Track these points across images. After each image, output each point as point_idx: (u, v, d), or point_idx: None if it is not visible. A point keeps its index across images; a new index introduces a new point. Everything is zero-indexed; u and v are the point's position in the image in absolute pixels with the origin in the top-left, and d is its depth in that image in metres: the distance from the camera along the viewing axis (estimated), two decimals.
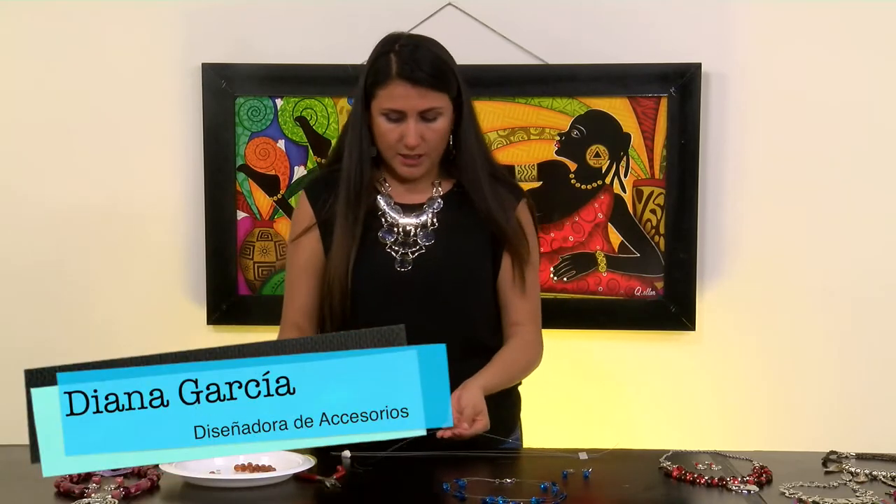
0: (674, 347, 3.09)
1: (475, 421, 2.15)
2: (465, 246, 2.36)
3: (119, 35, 3.07)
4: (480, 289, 2.38)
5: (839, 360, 3.07)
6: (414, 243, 2.34)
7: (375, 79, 2.29)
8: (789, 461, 2.13)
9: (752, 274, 3.06)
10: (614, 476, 2.07)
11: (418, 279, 2.31)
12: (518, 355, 2.37)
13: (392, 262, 2.32)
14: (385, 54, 2.29)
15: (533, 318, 2.42)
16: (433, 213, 2.36)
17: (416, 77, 2.25)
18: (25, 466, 1.74)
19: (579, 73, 3.01)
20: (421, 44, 2.31)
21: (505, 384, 2.33)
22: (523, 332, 2.39)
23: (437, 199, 2.38)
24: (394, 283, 2.30)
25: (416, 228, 2.35)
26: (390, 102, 2.27)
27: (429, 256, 2.33)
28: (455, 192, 2.39)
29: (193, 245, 3.10)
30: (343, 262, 2.30)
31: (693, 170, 3.00)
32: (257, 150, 3.06)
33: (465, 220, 2.36)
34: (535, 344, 2.41)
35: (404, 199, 2.37)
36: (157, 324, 3.11)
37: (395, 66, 2.26)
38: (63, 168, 3.10)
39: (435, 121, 2.29)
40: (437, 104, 2.28)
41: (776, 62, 3.03)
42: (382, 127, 2.29)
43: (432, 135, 2.29)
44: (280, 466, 2.01)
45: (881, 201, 3.04)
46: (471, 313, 2.37)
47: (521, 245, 2.37)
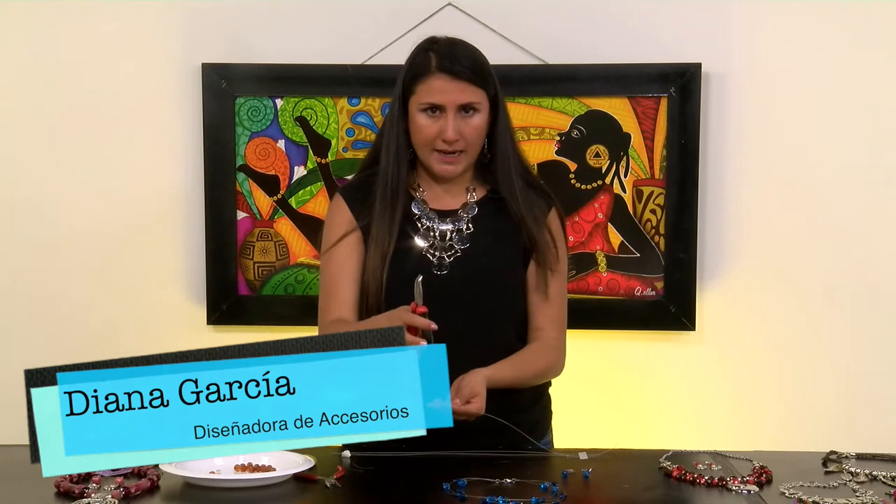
0: (674, 347, 3.09)
1: (469, 402, 2.15)
2: (500, 251, 2.37)
3: (119, 35, 3.07)
4: (514, 294, 2.38)
5: (839, 360, 3.07)
6: (450, 247, 2.34)
7: (414, 74, 2.30)
8: (789, 461, 2.13)
9: (752, 274, 3.06)
10: (614, 476, 2.07)
11: (455, 281, 2.32)
12: (535, 357, 2.37)
13: (429, 265, 2.32)
14: (423, 51, 2.32)
15: (557, 323, 2.41)
16: (469, 218, 2.37)
17: (456, 70, 2.27)
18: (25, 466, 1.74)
19: (579, 73, 3.01)
20: (459, 42, 2.34)
21: (516, 383, 2.32)
22: (545, 337, 2.39)
23: (472, 205, 2.38)
24: (432, 286, 2.29)
25: (452, 233, 2.35)
26: (429, 96, 2.28)
27: (465, 260, 2.33)
28: (490, 198, 2.40)
29: (193, 245, 3.10)
30: (379, 260, 2.30)
31: (693, 170, 3.00)
32: (257, 150, 3.06)
33: (501, 225, 2.37)
34: (556, 350, 2.41)
35: (439, 206, 2.38)
36: (157, 324, 3.11)
37: (434, 61, 2.29)
38: (63, 168, 3.10)
39: (473, 116, 2.30)
40: (475, 99, 2.29)
41: (776, 62, 3.03)
42: (421, 122, 2.30)
43: (470, 130, 2.30)
44: (280, 466, 2.01)
45: (881, 201, 3.05)
46: (505, 317, 2.37)
47: (550, 253, 2.38)
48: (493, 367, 2.26)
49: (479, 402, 2.16)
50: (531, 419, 2.36)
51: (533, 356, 2.37)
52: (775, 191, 3.06)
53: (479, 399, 2.16)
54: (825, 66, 3.02)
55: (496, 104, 2.34)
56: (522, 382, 2.35)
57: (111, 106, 3.09)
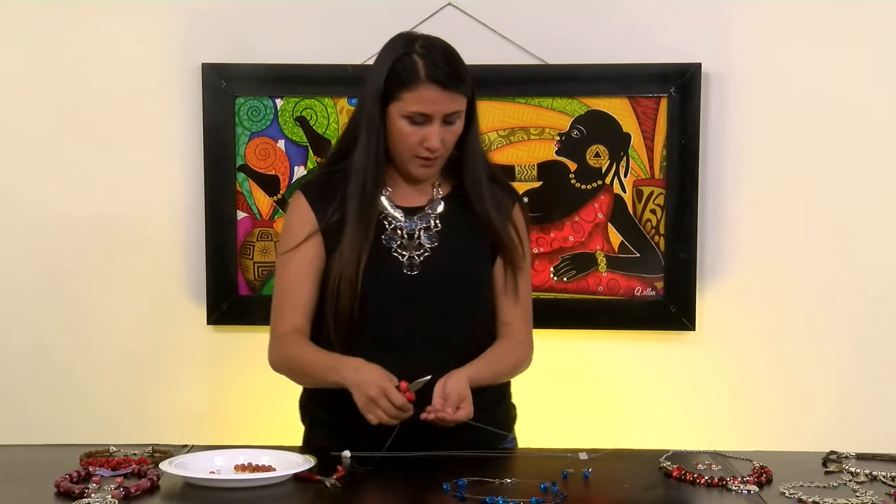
0: (674, 347, 3.09)
1: (459, 408, 2.15)
2: (468, 248, 2.35)
3: (119, 35, 3.07)
4: (484, 291, 2.37)
5: (839, 360, 3.07)
6: (418, 246, 2.32)
7: (400, 81, 2.23)
8: (789, 461, 2.13)
9: (752, 274, 3.06)
10: (614, 476, 2.07)
11: (427, 282, 2.30)
12: (507, 353, 2.37)
13: (400, 266, 2.30)
14: (407, 55, 2.23)
15: (524, 319, 2.41)
16: (435, 215, 2.35)
17: (446, 80, 2.22)
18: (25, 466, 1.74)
19: (579, 73, 3.01)
20: (443, 45, 2.27)
21: (492, 380, 2.32)
22: (514, 333, 2.39)
23: (438, 201, 2.36)
24: (403, 286, 2.28)
25: (420, 231, 2.34)
26: (419, 106, 2.22)
27: (435, 259, 2.31)
28: (455, 195, 2.38)
29: (193, 245, 3.10)
30: (354, 265, 2.25)
31: (693, 170, 3.00)
32: (257, 150, 3.06)
33: (467, 222, 2.35)
34: (525, 345, 2.41)
35: (405, 202, 2.35)
36: (157, 324, 3.11)
37: (423, 69, 2.21)
38: (63, 168, 3.10)
39: (454, 124, 2.26)
40: (461, 107, 2.26)
41: (776, 62, 3.03)
42: (404, 129, 2.25)
43: (451, 137, 2.28)
44: (280, 466, 2.01)
45: (881, 201, 3.05)
46: (478, 315, 2.37)
47: (515, 251, 2.37)
48: (471, 366, 2.25)
49: (468, 407, 2.17)
50: (496, 419, 2.34)
51: (506, 352, 2.36)
52: (775, 191, 3.06)
53: (466, 402, 2.17)
54: (825, 66, 3.02)
55: (471, 104, 2.31)
56: (497, 379, 2.35)
57: (111, 106, 3.09)
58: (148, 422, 3.07)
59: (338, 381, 2.18)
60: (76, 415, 3.08)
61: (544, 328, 3.01)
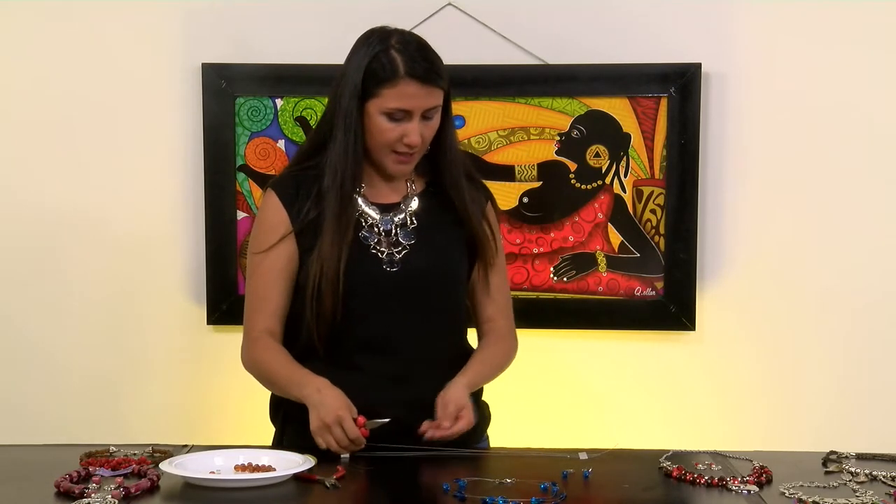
0: (674, 347, 3.09)
1: (459, 417, 2.16)
2: (446, 244, 2.34)
3: (119, 35, 3.07)
4: (461, 287, 2.37)
5: (839, 360, 3.07)
6: (396, 243, 2.30)
7: (378, 77, 2.22)
8: (789, 461, 2.13)
9: (752, 274, 3.06)
10: (614, 476, 2.07)
11: (407, 278, 2.28)
12: (496, 349, 2.37)
13: (380, 263, 2.28)
14: (384, 51, 2.23)
15: (505, 312, 2.41)
16: (410, 212, 2.34)
17: (424, 75, 2.21)
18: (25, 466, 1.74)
19: (579, 73, 3.01)
20: (418, 40, 2.27)
21: (488, 379, 2.34)
22: (497, 327, 2.39)
23: (412, 198, 2.35)
24: (385, 283, 2.27)
25: (396, 227, 2.32)
26: (399, 102, 2.21)
27: (414, 255, 2.30)
28: (429, 191, 2.37)
29: (193, 245, 3.10)
30: (335, 264, 2.23)
31: (693, 170, 3.00)
32: (257, 150, 3.06)
33: (442, 218, 2.34)
34: (510, 337, 2.41)
35: (380, 199, 2.33)
36: (158, 324, 3.11)
37: (402, 65, 2.21)
38: (63, 168, 3.10)
39: (432, 119, 2.26)
40: (439, 102, 2.25)
41: (776, 62, 3.03)
42: (383, 126, 2.23)
43: (429, 132, 2.27)
44: (280, 466, 2.01)
45: (881, 201, 3.05)
46: (458, 311, 2.37)
47: (489, 247, 2.36)
48: (466, 373, 2.26)
49: (468, 415, 2.18)
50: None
51: (496, 349, 2.37)
52: (775, 191, 3.06)
53: (466, 411, 2.18)
54: (825, 66, 3.02)
55: (447, 98, 2.29)
56: (494, 376, 2.36)
57: (111, 106, 3.09)
58: (148, 422, 3.07)
59: (299, 397, 2.18)
60: (76, 415, 3.08)
61: (544, 328, 3.03)
